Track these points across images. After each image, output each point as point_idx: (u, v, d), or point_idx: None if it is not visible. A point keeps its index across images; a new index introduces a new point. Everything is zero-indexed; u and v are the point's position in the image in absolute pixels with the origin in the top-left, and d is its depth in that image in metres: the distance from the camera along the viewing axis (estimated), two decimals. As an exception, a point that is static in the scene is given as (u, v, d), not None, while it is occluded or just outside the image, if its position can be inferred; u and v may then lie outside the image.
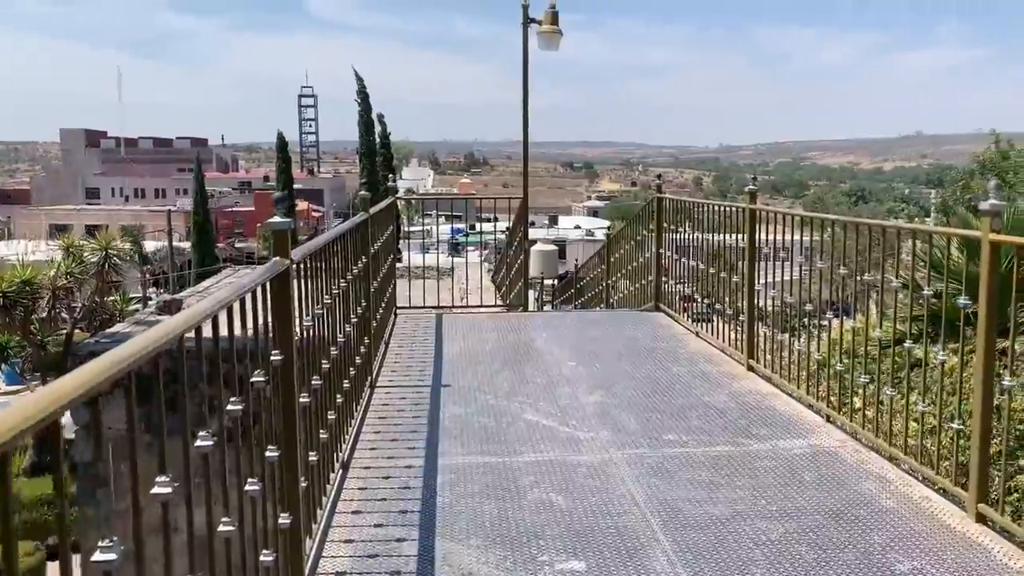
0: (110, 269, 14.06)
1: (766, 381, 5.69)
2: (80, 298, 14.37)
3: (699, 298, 7.52)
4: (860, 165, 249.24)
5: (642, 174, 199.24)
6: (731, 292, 6.87)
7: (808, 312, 5.39)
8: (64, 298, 13.90)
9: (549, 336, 7.18)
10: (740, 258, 6.46)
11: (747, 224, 5.95)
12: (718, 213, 6.93)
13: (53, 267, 13.75)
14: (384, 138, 41.42)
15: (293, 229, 2.88)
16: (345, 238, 4.57)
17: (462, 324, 7.79)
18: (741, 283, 6.36)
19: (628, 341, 6.99)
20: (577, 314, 8.34)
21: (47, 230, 65.06)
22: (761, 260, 6.01)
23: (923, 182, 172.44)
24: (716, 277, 7.00)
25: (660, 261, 8.42)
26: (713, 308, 7.21)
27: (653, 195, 8.50)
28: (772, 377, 5.66)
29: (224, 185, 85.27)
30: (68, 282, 13.55)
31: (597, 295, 12.24)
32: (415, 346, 6.92)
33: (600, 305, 11.67)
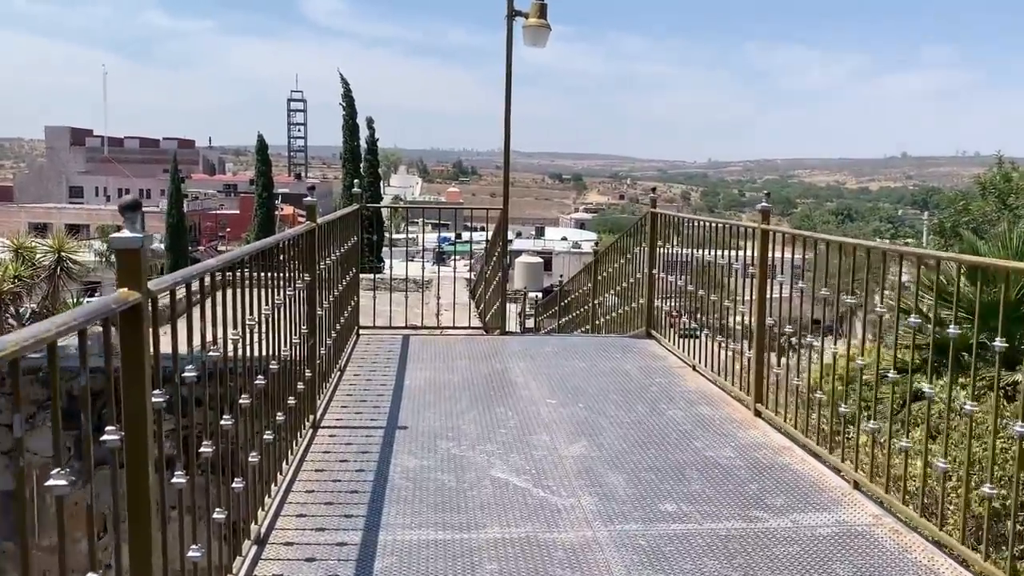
0: (62, 273, 13.11)
1: (777, 431, 4.87)
2: (29, 303, 13.42)
3: (687, 319, 6.76)
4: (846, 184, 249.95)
5: (630, 187, 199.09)
6: (732, 321, 6.07)
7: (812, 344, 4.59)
8: (11, 303, 12.93)
9: (527, 366, 6.35)
10: (730, 279, 5.66)
11: (759, 246, 5.14)
12: (721, 232, 6.13)
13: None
14: (371, 143, 40.54)
15: (146, 247, 2.03)
16: (274, 252, 3.72)
17: (431, 348, 6.94)
18: (747, 313, 5.55)
19: (616, 375, 6.16)
20: (560, 340, 7.50)
21: (26, 228, 63.77)
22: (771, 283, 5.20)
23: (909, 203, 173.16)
24: (714, 303, 6.20)
25: (653, 282, 7.61)
26: (702, 327, 6.43)
27: (647, 210, 7.69)
28: (785, 427, 4.84)
29: (210, 187, 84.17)
30: (15, 286, 12.58)
31: (583, 315, 11.41)
32: (374, 375, 6.06)
33: (586, 327, 10.85)
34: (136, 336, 2.01)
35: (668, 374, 6.23)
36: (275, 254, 3.77)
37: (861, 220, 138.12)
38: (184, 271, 2.52)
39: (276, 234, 25.24)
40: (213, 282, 2.79)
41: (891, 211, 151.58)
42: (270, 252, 3.63)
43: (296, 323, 4.28)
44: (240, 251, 3.18)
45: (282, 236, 3.99)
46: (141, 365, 2.01)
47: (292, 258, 4.22)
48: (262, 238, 15.84)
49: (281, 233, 4.08)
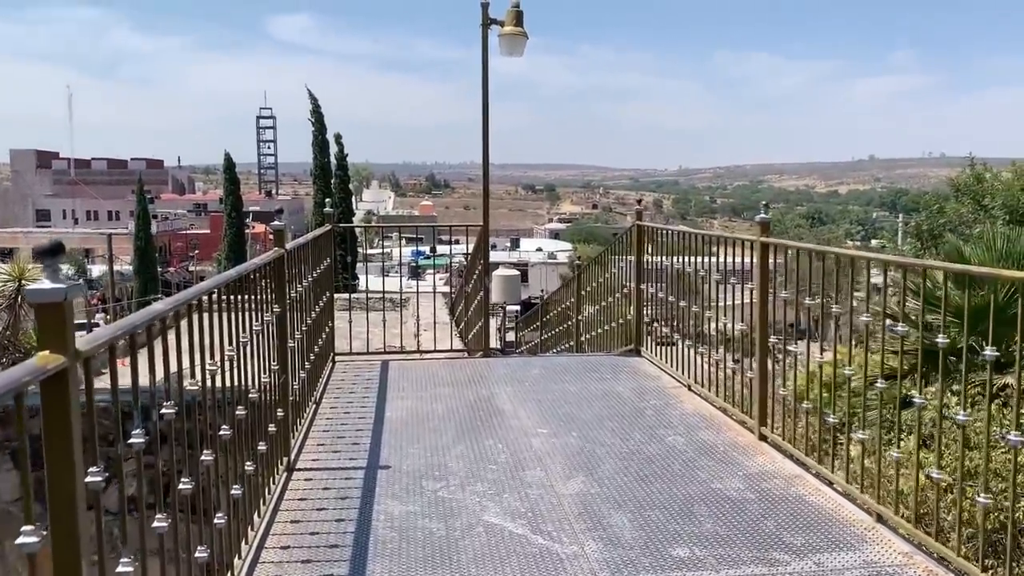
0: (23, 302, 12.57)
1: (787, 457, 4.57)
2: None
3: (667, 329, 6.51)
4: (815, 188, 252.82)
5: (603, 196, 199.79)
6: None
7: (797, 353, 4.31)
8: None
9: (515, 392, 6.00)
10: (724, 293, 5.37)
11: (758, 260, 4.85)
12: (711, 244, 5.84)
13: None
14: (341, 159, 40.02)
15: (72, 299, 1.68)
16: (237, 284, 3.36)
17: (412, 375, 6.58)
18: (748, 329, 5.26)
19: (609, 398, 5.83)
20: (546, 361, 7.16)
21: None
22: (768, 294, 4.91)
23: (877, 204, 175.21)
24: (708, 318, 5.91)
25: (640, 297, 7.31)
26: (694, 342, 6.16)
27: (632, 222, 7.40)
28: (794, 453, 4.54)
29: (180, 207, 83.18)
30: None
31: (565, 330, 11.09)
32: (352, 406, 5.69)
33: (568, 343, 10.53)
34: (61, 406, 1.66)
35: (663, 395, 5.92)
36: (239, 286, 3.40)
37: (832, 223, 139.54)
38: (127, 320, 2.15)
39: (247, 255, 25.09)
40: (163, 328, 2.43)
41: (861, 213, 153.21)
42: (233, 285, 3.26)
43: (266, 359, 3.92)
44: (194, 290, 2.81)
45: (245, 267, 3.62)
46: (69, 440, 1.65)
47: (259, 289, 3.85)
48: (232, 258, 15.54)
49: (244, 264, 3.71)
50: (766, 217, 4.89)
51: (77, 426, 1.68)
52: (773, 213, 29.24)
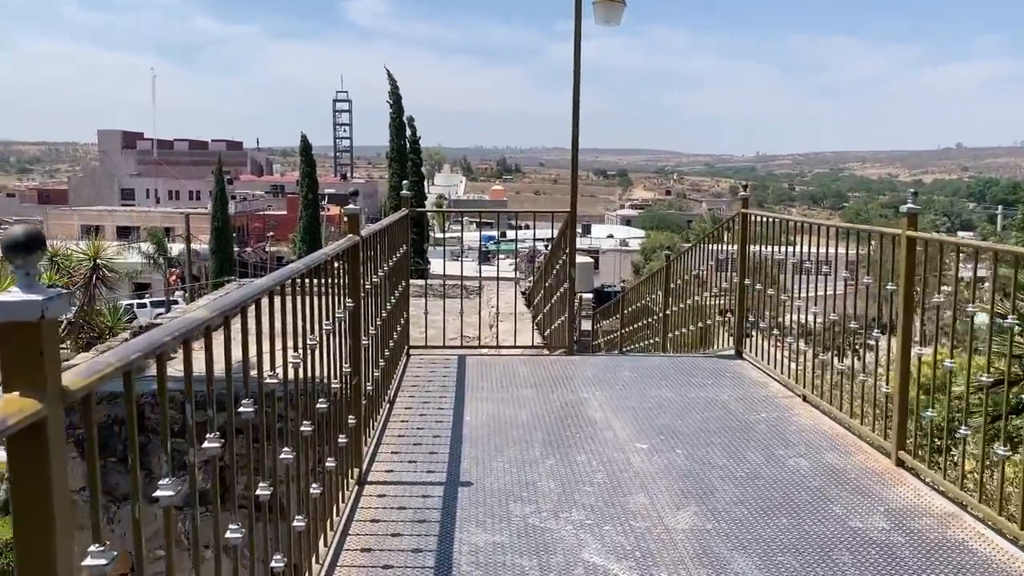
0: (99, 281, 12.54)
1: (933, 490, 3.89)
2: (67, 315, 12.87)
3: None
4: (899, 177, 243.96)
5: (677, 183, 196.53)
6: (853, 341, 5.10)
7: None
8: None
9: (605, 397, 5.43)
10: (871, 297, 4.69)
11: (903, 259, 4.15)
12: (840, 237, 5.15)
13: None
14: (414, 142, 39.85)
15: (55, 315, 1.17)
16: (304, 279, 2.87)
17: (491, 373, 6.06)
18: (878, 334, 4.57)
19: (713, 408, 5.21)
20: (637, 362, 6.53)
21: (79, 231, 64.65)
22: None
23: (964, 195, 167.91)
24: (821, 317, 5.23)
25: (744, 294, 6.64)
26: (791, 335, 5.50)
27: (737, 209, 6.72)
28: (945, 486, 3.86)
29: (257, 188, 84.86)
30: (49, 296, 12.02)
31: (650, 326, 10.45)
32: (428, 407, 5.20)
33: (654, 339, 9.88)
34: (37, 465, 1.15)
35: (774, 406, 5.26)
36: (308, 280, 2.91)
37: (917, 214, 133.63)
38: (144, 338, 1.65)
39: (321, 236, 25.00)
40: (208, 339, 1.93)
41: (947, 204, 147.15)
42: (299, 280, 2.77)
43: (338, 361, 3.44)
44: (248, 290, 2.32)
45: (315, 258, 3.13)
46: (47, 522, 1.15)
47: (331, 281, 3.37)
48: (307, 239, 15.17)
49: (314, 255, 3.22)
50: (915, 207, 4.17)
51: (61, 495, 1.18)
52: (854, 202, 27.86)
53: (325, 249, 3.58)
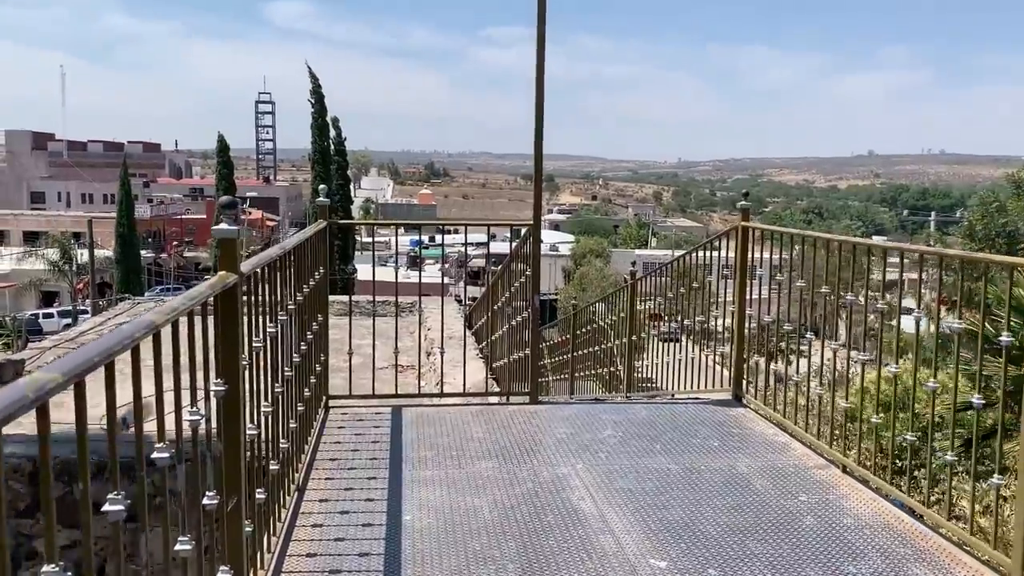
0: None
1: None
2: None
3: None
4: (815, 183, 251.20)
5: (602, 188, 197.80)
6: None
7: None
8: None
9: (588, 471, 4.09)
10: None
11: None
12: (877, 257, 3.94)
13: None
14: (339, 144, 37.98)
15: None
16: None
17: (436, 434, 4.67)
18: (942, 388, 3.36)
19: (733, 488, 3.92)
20: (618, 412, 5.11)
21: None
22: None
23: (877, 200, 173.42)
24: (865, 362, 4.02)
25: (743, 323, 5.42)
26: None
27: (736, 222, 5.49)
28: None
29: (176, 191, 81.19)
30: None
31: (604, 355, 9.20)
32: (352, 499, 3.77)
33: (613, 368, 8.63)
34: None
35: (811, 484, 4.01)
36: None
37: (832, 218, 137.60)
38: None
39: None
40: None
41: (861, 209, 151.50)
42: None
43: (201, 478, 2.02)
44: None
45: (154, 320, 1.73)
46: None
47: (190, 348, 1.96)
48: None
49: (161, 308, 1.84)
50: None
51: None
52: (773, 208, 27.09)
53: (184, 297, 2.16)
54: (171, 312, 1.94)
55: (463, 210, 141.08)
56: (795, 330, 5.15)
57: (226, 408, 2.36)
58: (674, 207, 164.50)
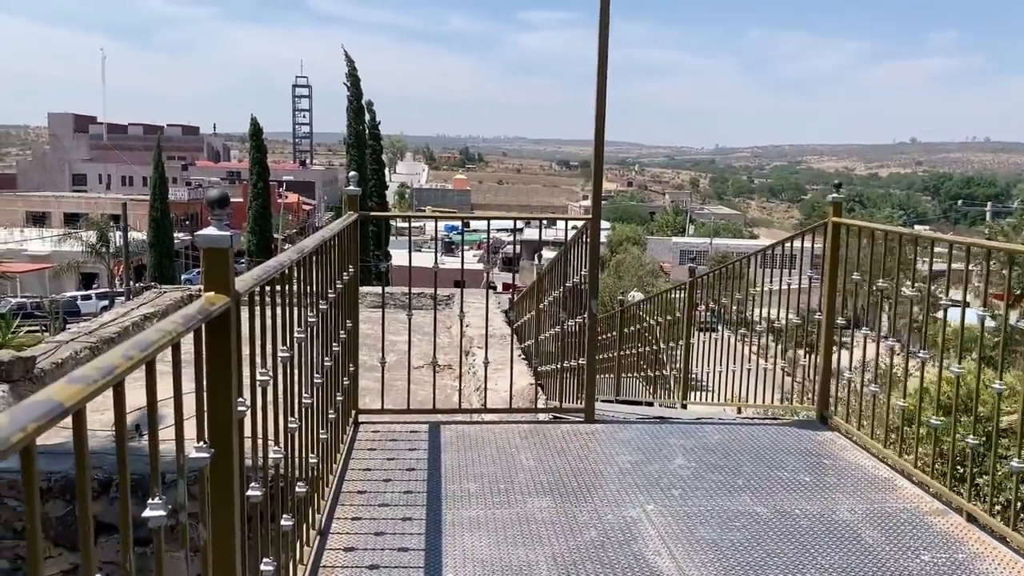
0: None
1: None
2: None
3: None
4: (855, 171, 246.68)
5: (638, 174, 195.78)
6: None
7: None
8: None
9: (661, 514, 3.45)
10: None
11: None
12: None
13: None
14: (373, 128, 37.47)
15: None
16: None
17: (479, 461, 4.06)
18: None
19: (837, 539, 3.25)
20: (686, 435, 4.36)
21: (24, 217, 61.08)
22: None
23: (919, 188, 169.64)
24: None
25: (832, 334, 4.73)
26: None
27: (826, 217, 4.79)
28: None
29: (214, 175, 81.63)
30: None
31: (655, 358, 8.53)
32: (382, 546, 3.17)
33: (663, 373, 7.97)
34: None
35: (930, 536, 3.33)
36: None
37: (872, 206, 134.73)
38: None
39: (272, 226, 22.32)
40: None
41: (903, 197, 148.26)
42: None
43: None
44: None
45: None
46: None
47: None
48: (258, 229, 12.52)
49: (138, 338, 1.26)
50: None
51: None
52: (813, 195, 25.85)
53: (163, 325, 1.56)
54: (128, 361, 1.34)
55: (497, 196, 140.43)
56: (883, 339, 4.47)
57: (213, 479, 1.76)
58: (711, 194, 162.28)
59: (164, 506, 1.38)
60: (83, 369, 1.11)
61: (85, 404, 1.06)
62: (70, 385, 1.04)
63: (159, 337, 1.36)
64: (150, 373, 1.39)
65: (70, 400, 1.01)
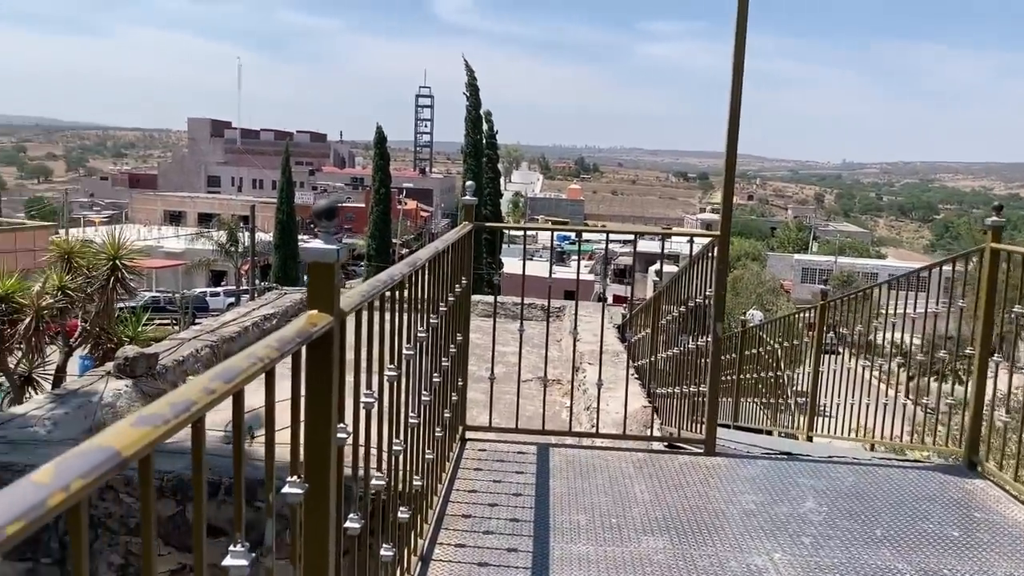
0: (116, 284, 10.73)
1: None
2: (82, 319, 11.13)
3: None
4: (993, 190, 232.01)
5: (759, 187, 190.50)
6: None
7: None
8: (56, 319, 10.64)
9: (791, 567, 3.13)
10: None
11: None
12: None
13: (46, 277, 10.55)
14: (490, 138, 37.81)
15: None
16: None
17: (589, 490, 3.83)
18: None
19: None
20: (812, 475, 3.99)
21: (162, 215, 65.04)
22: None
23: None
24: None
25: (984, 370, 4.26)
26: None
27: (983, 243, 4.33)
28: None
29: (338, 180, 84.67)
30: (58, 300, 10.26)
31: (778, 385, 8.08)
32: (486, 573, 3.00)
33: (786, 403, 7.52)
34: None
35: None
36: None
37: (1014, 229, 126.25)
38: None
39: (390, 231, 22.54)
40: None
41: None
42: None
43: None
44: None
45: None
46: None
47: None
48: (378, 235, 12.70)
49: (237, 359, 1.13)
50: None
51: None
52: (946, 215, 24.02)
53: (255, 349, 1.42)
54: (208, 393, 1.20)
55: (611, 206, 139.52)
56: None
57: (308, 514, 1.61)
58: (837, 210, 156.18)
59: (247, 554, 1.23)
60: (155, 405, 0.97)
61: (151, 451, 0.91)
62: (134, 428, 0.90)
63: (248, 365, 1.22)
64: (237, 403, 1.25)
65: (131, 447, 0.86)
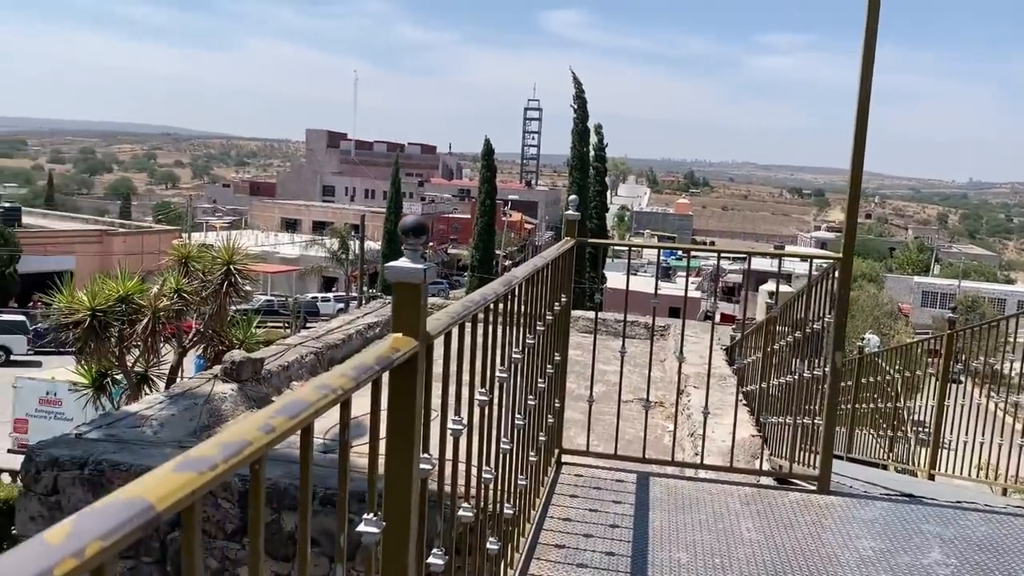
0: (231, 288, 11.08)
1: None
2: (196, 321, 11.55)
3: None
4: None
5: (878, 206, 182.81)
6: None
7: None
8: (172, 320, 11.07)
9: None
10: None
11: None
12: None
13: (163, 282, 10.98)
14: (599, 150, 37.57)
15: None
16: None
17: (691, 527, 3.60)
18: None
19: None
20: (937, 521, 3.61)
21: (279, 222, 67.77)
22: None
23: None
24: None
25: None
26: None
27: None
28: None
29: (446, 191, 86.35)
30: (174, 302, 10.66)
31: (894, 416, 7.56)
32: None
33: (904, 436, 7.02)
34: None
35: None
36: None
37: None
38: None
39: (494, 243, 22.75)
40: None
41: None
42: None
43: None
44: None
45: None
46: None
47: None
48: (481, 246, 12.77)
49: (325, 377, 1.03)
50: None
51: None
52: None
53: (327, 379, 1.32)
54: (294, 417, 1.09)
55: (720, 222, 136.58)
56: None
57: (386, 553, 1.49)
58: (961, 231, 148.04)
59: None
60: (205, 446, 0.86)
61: (196, 500, 0.79)
62: (176, 474, 0.78)
63: (318, 398, 1.10)
64: (306, 436, 1.13)
65: (168, 498, 0.74)
